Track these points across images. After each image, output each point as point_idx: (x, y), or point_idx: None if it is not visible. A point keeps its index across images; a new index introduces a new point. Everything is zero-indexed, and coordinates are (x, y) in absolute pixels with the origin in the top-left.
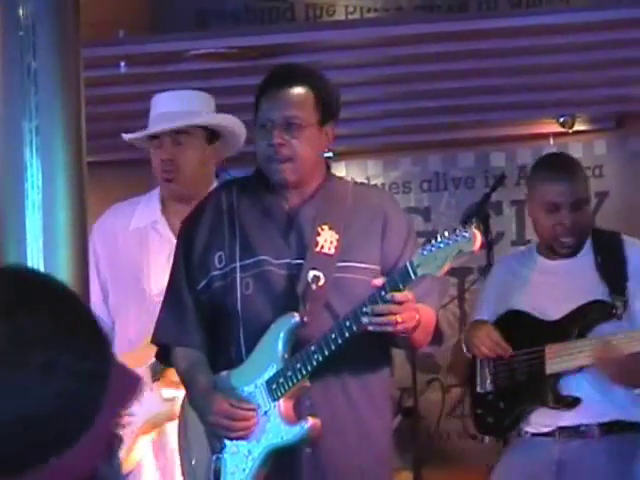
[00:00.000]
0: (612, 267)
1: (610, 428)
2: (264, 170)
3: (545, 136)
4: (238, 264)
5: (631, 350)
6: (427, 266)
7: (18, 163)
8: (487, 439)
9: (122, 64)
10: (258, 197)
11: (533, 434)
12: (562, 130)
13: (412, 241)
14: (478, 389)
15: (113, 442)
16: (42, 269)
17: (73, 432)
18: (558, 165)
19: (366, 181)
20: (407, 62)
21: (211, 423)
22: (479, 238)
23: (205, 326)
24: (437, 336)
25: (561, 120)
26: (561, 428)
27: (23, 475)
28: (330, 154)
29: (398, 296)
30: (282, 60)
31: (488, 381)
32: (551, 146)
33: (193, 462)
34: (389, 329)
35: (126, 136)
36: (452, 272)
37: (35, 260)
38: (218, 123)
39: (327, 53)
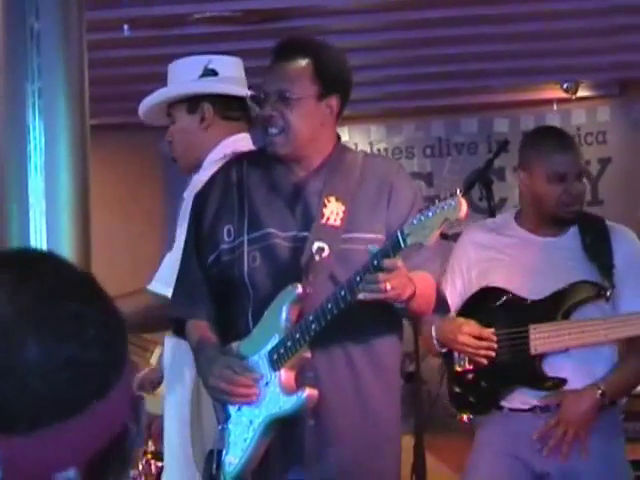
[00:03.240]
0: (600, 250)
1: None
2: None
3: (549, 102)
4: (246, 237)
5: (617, 335)
6: (416, 235)
7: (21, 125)
8: (466, 417)
9: (126, 27)
10: (267, 170)
11: (511, 409)
12: (566, 96)
13: (416, 211)
14: (457, 367)
15: (137, 401)
16: (44, 232)
17: (109, 378)
18: (562, 137)
19: (369, 146)
20: (411, 27)
21: (211, 386)
22: (464, 205)
23: (215, 299)
24: (440, 303)
25: (565, 86)
26: (541, 407)
27: (76, 418)
28: None
29: (385, 262)
30: (286, 24)
31: (467, 359)
32: (554, 112)
33: (203, 434)
34: (380, 296)
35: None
36: (455, 238)
37: (37, 223)
38: (182, 93)
39: (330, 17)
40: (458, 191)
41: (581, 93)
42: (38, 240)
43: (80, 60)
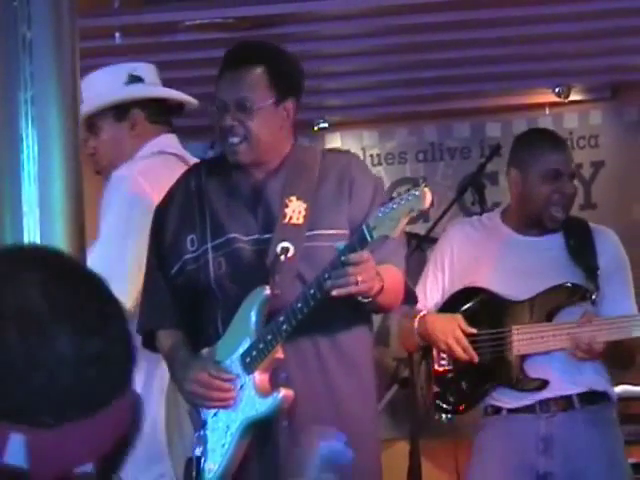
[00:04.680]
0: (584, 252)
1: (588, 397)
2: (224, 150)
3: (541, 106)
4: (210, 245)
5: (605, 338)
6: (382, 227)
7: (13, 134)
8: (444, 417)
9: (117, 35)
10: (225, 176)
11: (510, 410)
12: (558, 100)
13: (378, 203)
14: (436, 367)
15: (138, 404)
16: (38, 241)
17: (130, 374)
18: (556, 137)
19: (362, 152)
20: (402, 32)
21: (188, 391)
22: (429, 195)
23: (183, 307)
24: (408, 295)
25: (557, 90)
26: (540, 401)
27: (100, 413)
28: (325, 125)
29: (352, 256)
30: (277, 30)
31: (447, 359)
32: (547, 116)
33: (179, 442)
34: (351, 290)
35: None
36: (429, 245)
37: (31, 231)
38: (115, 99)
39: (322, 23)
40: (421, 181)
41: (573, 97)
42: None
43: (72, 68)
